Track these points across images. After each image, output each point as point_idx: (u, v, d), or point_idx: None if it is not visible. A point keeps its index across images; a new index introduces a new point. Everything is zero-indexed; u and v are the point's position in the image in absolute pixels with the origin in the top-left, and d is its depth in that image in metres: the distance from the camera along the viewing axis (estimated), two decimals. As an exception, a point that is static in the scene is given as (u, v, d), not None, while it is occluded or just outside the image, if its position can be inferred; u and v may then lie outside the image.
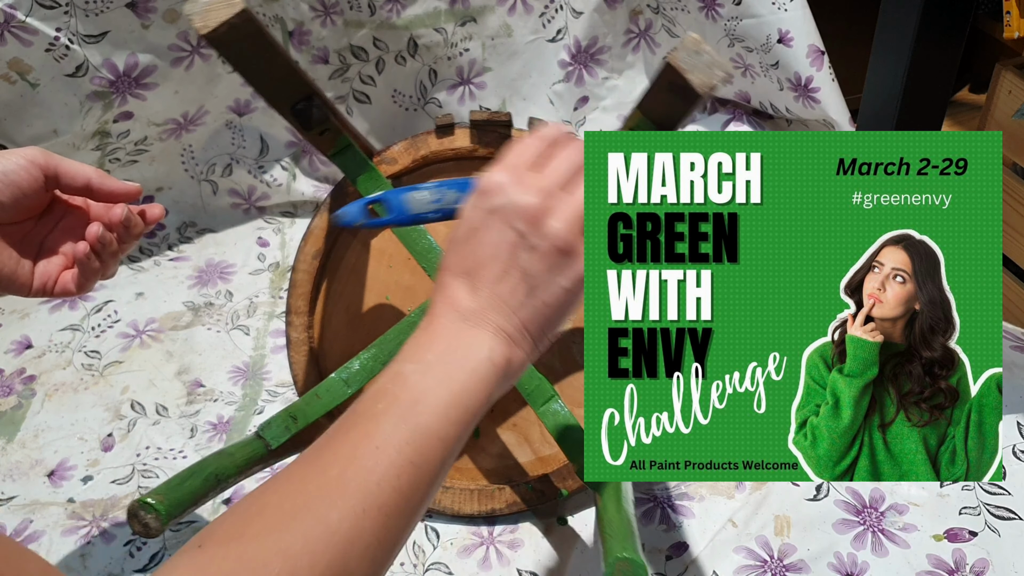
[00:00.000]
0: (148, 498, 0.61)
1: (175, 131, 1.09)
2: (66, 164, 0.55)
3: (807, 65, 1.03)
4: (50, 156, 0.55)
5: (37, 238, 0.57)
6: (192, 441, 0.87)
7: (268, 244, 1.14)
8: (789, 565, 0.72)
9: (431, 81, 1.15)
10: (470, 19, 1.11)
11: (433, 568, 0.76)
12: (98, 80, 0.98)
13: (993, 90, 0.92)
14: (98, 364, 0.97)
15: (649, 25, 1.18)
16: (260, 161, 1.15)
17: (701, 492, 0.80)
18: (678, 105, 0.56)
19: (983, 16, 1.09)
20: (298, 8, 1.06)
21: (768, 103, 1.12)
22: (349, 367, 0.72)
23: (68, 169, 0.55)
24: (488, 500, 0.79)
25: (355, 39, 1.09)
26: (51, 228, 0.57)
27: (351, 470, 0.37)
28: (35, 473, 0.84)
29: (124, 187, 0.58)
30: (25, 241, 0.56)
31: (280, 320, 1.02)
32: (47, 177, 0.54)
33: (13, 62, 0.93)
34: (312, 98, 0.68)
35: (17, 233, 0.55)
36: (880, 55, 0.86)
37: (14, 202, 0.53)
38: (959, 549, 0.72)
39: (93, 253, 0.57)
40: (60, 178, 0.55)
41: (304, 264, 0.79)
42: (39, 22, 0.92)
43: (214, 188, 1.15)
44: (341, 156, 0.72)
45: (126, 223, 0.57)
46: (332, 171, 1.17)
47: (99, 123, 1.02)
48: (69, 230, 0.58)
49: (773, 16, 1.03)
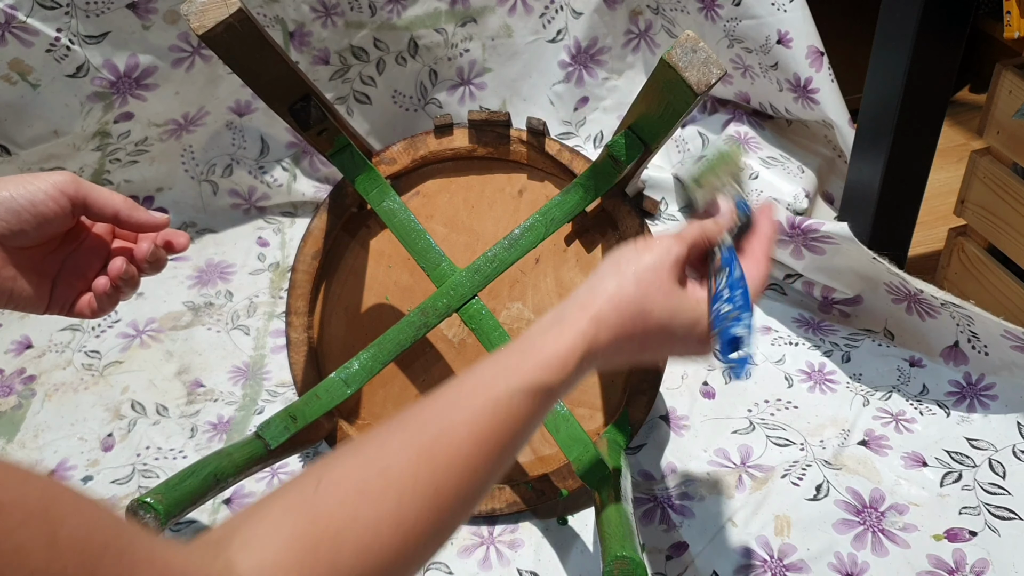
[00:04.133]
0: (147, 498, 0.61)
1: (175, 132, 1.09)
2: (96, 193, 0.53)
3: (806, 66, 1.03)
4: (80, 184, 0.53)
5: (58, 260, 0.55)
6: (192, 441, 0.87)
7: (268, 244, 1.14)
8: (789, 565, 0.72)
9: (431, 82, 1.15)
10: (470, 20, 1.11)
11: (433, 568, 0.76)
12: (99, 81, 0.99)
13: (993, 90, 0.92)
14: (98, 364, 0.97)
15: (649, 26, 1.18)
16: (260, 162, 1.15)
17: (701, 492, 0.80)
18: (675, 103, 0.56)
19: (983, 16, 1.09)
20: (299, 9, 1.06)
21: (768, 104, 1.12)
22: (348, 367, 0.72)
23: (97, 199, 0.53)
24: (488, 500, 0.79)
25: (356, 40, 1.10)
26: (73, 250, 0.56)
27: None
28: (35, 473, 0.84)
29: (152, 219, 0.56)
30: (45, 263, 0.54)
31: (280, 320, 1.02)
32: (75, 205, 0.52)
33: (14, 63, 0.94)
34: (310, 98, 0.68)
35: (38, 255, 0.54)
36: (880, 55, 0.86)
37: (37, 229, 0.51)
38: (959, 549, 0.72)
39: (113, 287, 0.55)
40: (89, 207, 0.53)
41: (304, 265, 0.79)
42: (40, 23, 0.92)
43: (214, 188, 1.15)
44: (339, 156, 0.72)
45: (151, 259, 0.56)
46: (332, 172, 1.17)
47: (100, 124, 1.03)
48: (91, 252, 0.56)
49: (772, 17, 1.03)
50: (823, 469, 0.80)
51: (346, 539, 0.31)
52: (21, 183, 0.50)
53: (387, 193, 0.73)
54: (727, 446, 0.84)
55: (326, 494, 0.33)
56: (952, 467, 0.79)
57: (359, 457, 0.36)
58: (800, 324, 0.97)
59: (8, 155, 1.00)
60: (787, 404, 0.88)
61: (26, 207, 0.50)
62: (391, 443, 0.37)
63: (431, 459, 0.36)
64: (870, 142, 0.90)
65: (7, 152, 1.00)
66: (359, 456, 0.36)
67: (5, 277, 0.52)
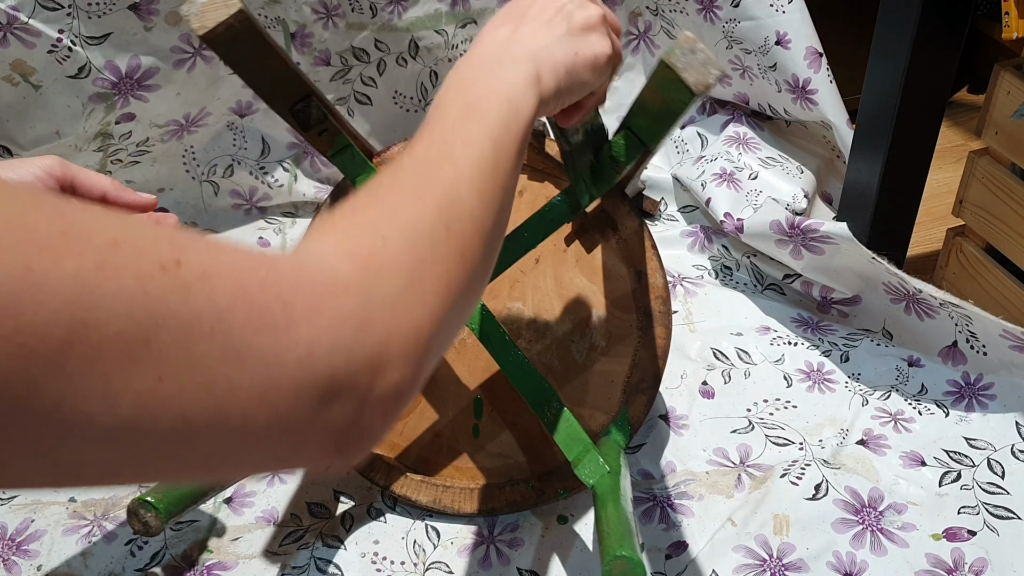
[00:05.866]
0: (148, 496, 0.62)
1: (177, 132, 1.10)
2: (83, 175, 0.55)
3: (805, 67, 1.03)
4: (67, 166, 0.55)
5: None
6: (193, 441, 0.87)
7: (269, 244, 1.14)
8: (788, 564, 0.72)
9: (432, 83, 1.15)
10: (471, 21, 1.11)
11: (433, 567, 0.76)
12: (100, 82, 0.99)
13: (992, 91, 0.92)
14: (100, 364, 0.97)
15: (648, 27, 1.19)
16: (262, 162, 1.15)
17: (700, 491, 0.80)
18: (673, 104, 0.56)
19: (982, 17, 1.09)
20: (300, 10, 1.06)
21: (766, 104, 1.13)
22: (349, 366, 0.72)
23: (84, 180, 0.55)
24: (488, 499, 0.79)
25: (357, 41, 1.10)
26: None
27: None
28: (37, 472, 0.84)
29: (139, 199, 0.58)
30: None
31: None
32: (63, 188, 0.54)
33: (16, 64, 0.94)
34: (310, 98, 0.69)
35: None
36: (879, 56, 0.86)
37: None
38: (958, 548, 0.72)
39: None
40: (76, 189, 0.55)
41: (304, 264, 0.80)
42: (42, 24, 0.93)
43: (215, 189, 1.16)
44: (340, 156, 0.72)
45: None
46: (334, 172, 1.17)
47: (101, 125, 1.03)
48: None
49: (771, 18, 1.03)
50: (822, 468, 0.80)
51: (389, 226, 0.35)
52: (10, 167, 0.52)
53: (387, 193, 0.73)
54: (726, 445, 0.84)
55: (375, 204, 0.37)
56: (951, 467, 0.80)
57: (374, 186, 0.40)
58: (799, 324, 0.97)
59: (10, 156, 1.00)
60: (786, 404, 0.88)
61: None
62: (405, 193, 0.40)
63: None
64: (869, 142, 0.90)
65: (9, 153, 1.00)
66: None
67: None
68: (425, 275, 0.35)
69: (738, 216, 1.00)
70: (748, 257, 1.04)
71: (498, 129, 0.43)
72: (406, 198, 0.37)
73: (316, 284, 0.30)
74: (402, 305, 0.33)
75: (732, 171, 1.07)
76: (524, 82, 0.46)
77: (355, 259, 0.33)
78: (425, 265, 0.35)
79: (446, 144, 0.41)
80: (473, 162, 0.41)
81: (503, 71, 0.46)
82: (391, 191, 0.38)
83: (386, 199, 0.38)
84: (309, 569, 0.76)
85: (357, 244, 0.34)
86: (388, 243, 0.34)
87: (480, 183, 0.40)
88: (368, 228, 0.35)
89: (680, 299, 1.02)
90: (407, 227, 0.36)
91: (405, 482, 0.80)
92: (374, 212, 0.36)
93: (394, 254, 0.34)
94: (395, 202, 0.37)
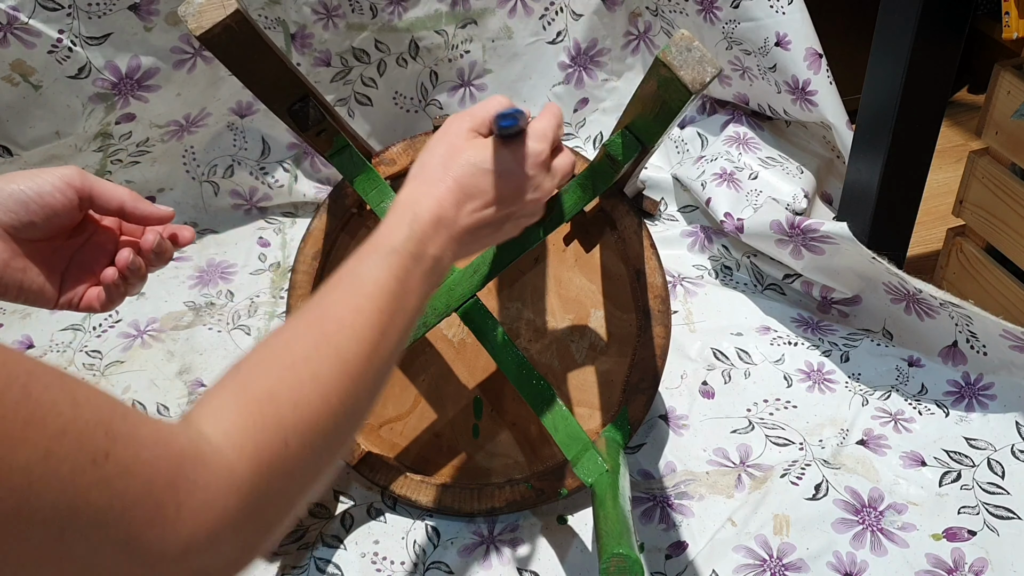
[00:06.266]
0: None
1: (177, 133, 1.10)
2: (101, 186, 0.55)
3: (804, 68, 1.03)
4: (86, 177, 0.55)
5: (66, 254, 0.57)
6: (193, 441, 0.87)
7: (269, 244, 1.14)
8: (788, 564, 0.72)
9: (432, 83, 1.15)
10: (471, 21, 1.11)
11: (433, 567, 0.76)
12: (100, 82, 0.99)
13: (992, 91, 0.92)
14: (99, 364, 0.97)
15: (648, 27, 1.19)
16: (262, 162, 1.15)
17: (700, 491, 0.80)
18: (670, 102, 0.56)
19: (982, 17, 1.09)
20: (300, 11, 1.06)
21: (766, 105, 1.13)
22: (348, 366, 0.72)
23: (103, 192, 0.55)
24: (488, 499, 0.79)
25: (357, 41, 1.10)
26: (81, 244, 0.57)
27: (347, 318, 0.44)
28: (36, 472, 0.84)
29: (157, 211, 0.58)
30: (54, 256, 0.56)
31: (281, 320, 1.02)
32: (81, 198, 0.54)
33: (16, 64, 0.94)
34: (308, 99, 0.69)
35: (47, 249, 0.55)
36: (879, 56, 0.86)
37: (46, 221, 0.53)
38: (958, 548, 0.72)
39: (121, 278, 0.57)
40: (94, 200, 0.55)
41: (304, 265, 0.80)
42: (42, 24, 0.93)
43: (215, 189, 1.16)
44: (339, 156, 0.72)
45: (157, 249, 0.57)
46: (333, 172, 1.17)
47: (101, 125, 1.03)
48: (99, 247, 0.58)
49: (771, 19, 1.03)
50: (822, 468, 0.80)
51: (281, 399, 0.38)
52: (29, 177, 0.52)
53: (386, 193, 0.73)
54: (726, 445, 0.84)
55: (260, 371, 0.40)
56: (951, 467, 0.79)
57: (271, 348, 0.42)
58: (799, 324, 0.97)
59: (10, 156, 1.01)
60: (786, 404, 0.88)
61: (34, 199, 0.52)
62: (294, 334, 0.43)
63: (327, 337, 0.43)
64: (869, 143, 0.90)
65: (9, 153, 1.00)
66: (271, 348, 0.42)
67: (15, 269, 0.53)
68: (320, 470, 0.39)
69: (738, 216, 1.00)
70: (748, 257, 1.04)
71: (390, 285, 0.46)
72: (306, 380, 0.40)
73: (212, 480, 0.33)
74: (286, 506, 0.37)
75: (732, 171, 1.07)
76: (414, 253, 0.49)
77: (257, 460, 0.35)
78: (321, 458, 0.39)
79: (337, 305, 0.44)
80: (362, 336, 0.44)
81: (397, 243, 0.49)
82: (293, 370, 0.40)
83: (290, 377, 0.40)
84: (309, 569, 0.76)
85: (261, 444, 0.36)
86: (290, 446, 0.37)
87: (371, 343, 0.43)
88: (272, 425, 0.37)
89: (680, 299, 1.02)
90: (308, 432, 0.38)
91: (405, 482, 0.80)
92: (283, 399, 0.38)
93: (294, 458, 0.37)
94: (298, 384, 0.39)
